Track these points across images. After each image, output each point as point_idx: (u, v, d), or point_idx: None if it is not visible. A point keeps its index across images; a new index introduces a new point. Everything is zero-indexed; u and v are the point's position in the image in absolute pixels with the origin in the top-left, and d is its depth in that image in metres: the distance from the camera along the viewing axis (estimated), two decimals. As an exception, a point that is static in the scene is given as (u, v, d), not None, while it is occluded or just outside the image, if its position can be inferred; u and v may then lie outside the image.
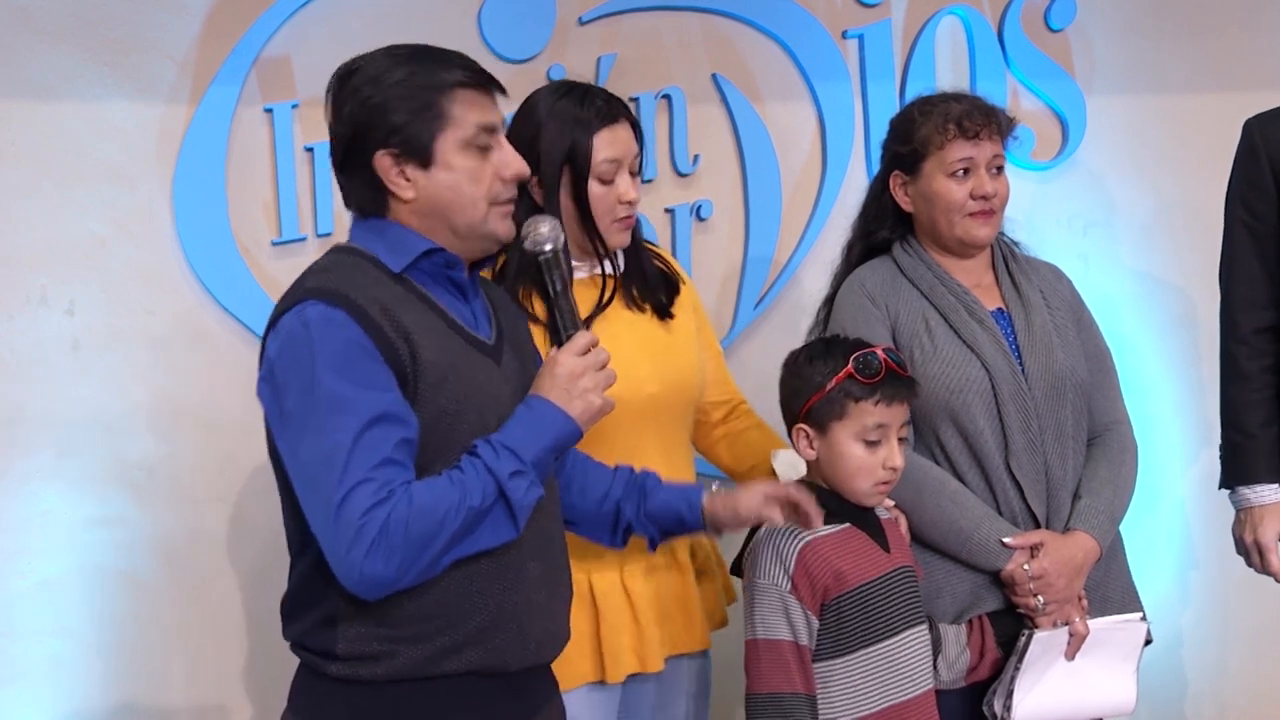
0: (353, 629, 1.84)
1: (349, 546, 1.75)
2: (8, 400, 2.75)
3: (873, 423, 2.21)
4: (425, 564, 1.79)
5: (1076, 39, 3.35)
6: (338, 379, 1.77)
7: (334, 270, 1.88)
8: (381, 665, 1.84)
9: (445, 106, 1.88)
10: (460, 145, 1.89)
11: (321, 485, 1.77)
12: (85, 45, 2.77)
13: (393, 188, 1.89)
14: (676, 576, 2.42)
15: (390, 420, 1.78)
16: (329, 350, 1.78)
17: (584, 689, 2.34)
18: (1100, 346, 2.58)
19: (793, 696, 2.15)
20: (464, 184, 1.89)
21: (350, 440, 1.76)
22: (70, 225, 2.77)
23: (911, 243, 2.55)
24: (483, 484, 1.81)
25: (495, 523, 1.83)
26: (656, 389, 2.38)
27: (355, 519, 1.74)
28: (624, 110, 2.40)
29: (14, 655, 2.76)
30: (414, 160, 1.88)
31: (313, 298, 1.82)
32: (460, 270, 1.94)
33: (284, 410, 1.81)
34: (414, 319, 1.85)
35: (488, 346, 1.94)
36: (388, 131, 1.87)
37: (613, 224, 2.38)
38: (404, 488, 1.77)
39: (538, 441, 1.86)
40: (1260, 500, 2.63)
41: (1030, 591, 2.37)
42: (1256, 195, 2.63)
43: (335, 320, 1.79)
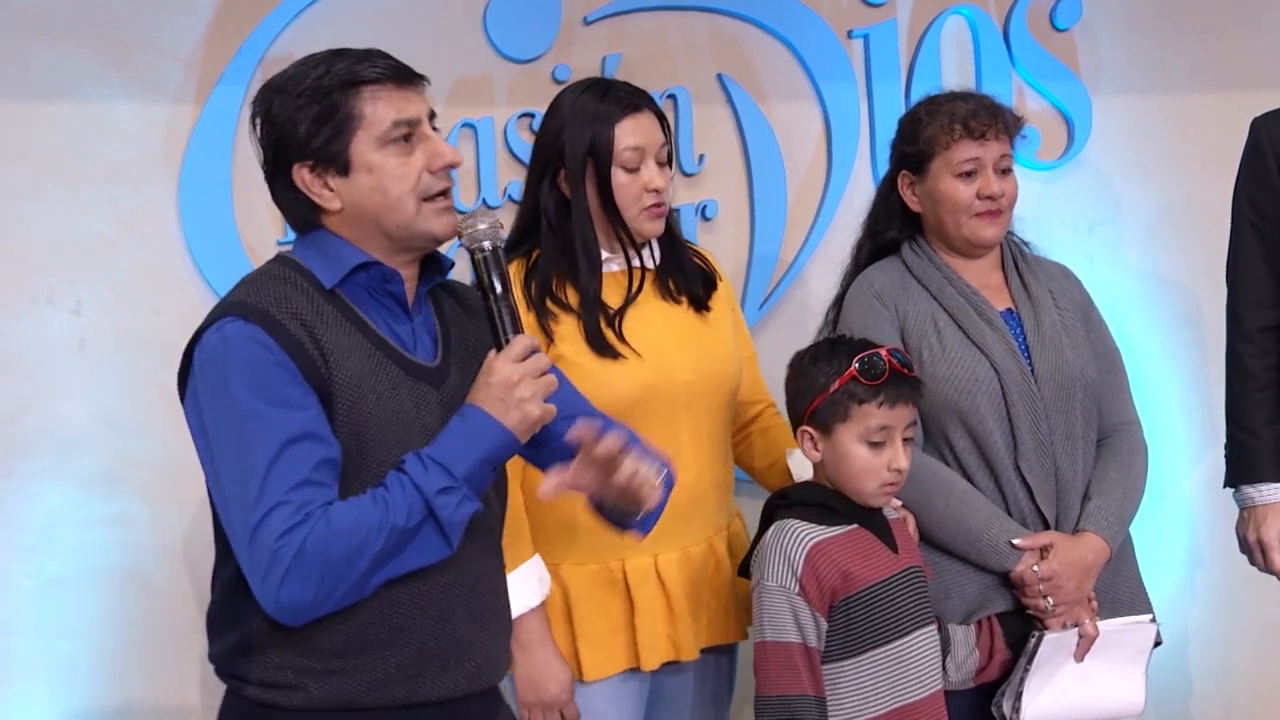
0: (268, 657, 1.79)
1: (265, 572, 1.70)
2: (15, 400, 2.75)
3: (876, 424, 2.20)
4: (348, 587, 1.72)
5: (1082, 38, 3.35)
6: (255, 398, 1.72)
7: (261, 283, 1.82)
8: (298, 695, 1.79)
9: (353, 107, 1.79)
10: (377, 144, 1.80)
11: (239, 508, 1.72)
12: (91, 46, 2.77)
13: (318, 200, 1.83)
14: (713, 567, 2.42)
15: (309, 439, 1.73)
16: (246, 368, 1.73)
17: (616, 678, 2.35)
18: (1110, 347, 2.58)
19: (802, 698, 2.14)
20: (388, 184, 1.81)
21: (266, 461, 1.70)
22: (77, 225, 2.78)
23: (920, 243, 2.55)
24: (409, 501, 1.73)
25: (425, 542, 1.75)
26: (691, 377, 2.40)
27: (270, 543, 1.69)
28: (647, 100, 2.42)
29: (20, 654, 2.76)
30: (332, 168, 1.81)
31: (233, 314, 1.77)
32: (398, 284, 1.86)
33: (206, 429, 1.77)
34: (337, 338, 1.79)
35: (423, 369, 1.85)
36: (300, 144, 1.80)
37: (641, 213, 2.39)
38: (322, 510, 1.71)
39: (470, 454, 1.76)
40: (1264, 499, 2.62)
41: (1040, 593, 2.37)
42: (1263, 194, 2.63)
43: (253, 337, 1.74)
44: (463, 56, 2.97)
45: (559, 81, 2.91)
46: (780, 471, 2.53)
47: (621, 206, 2.38)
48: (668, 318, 2.43)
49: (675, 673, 2.43)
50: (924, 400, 2.35)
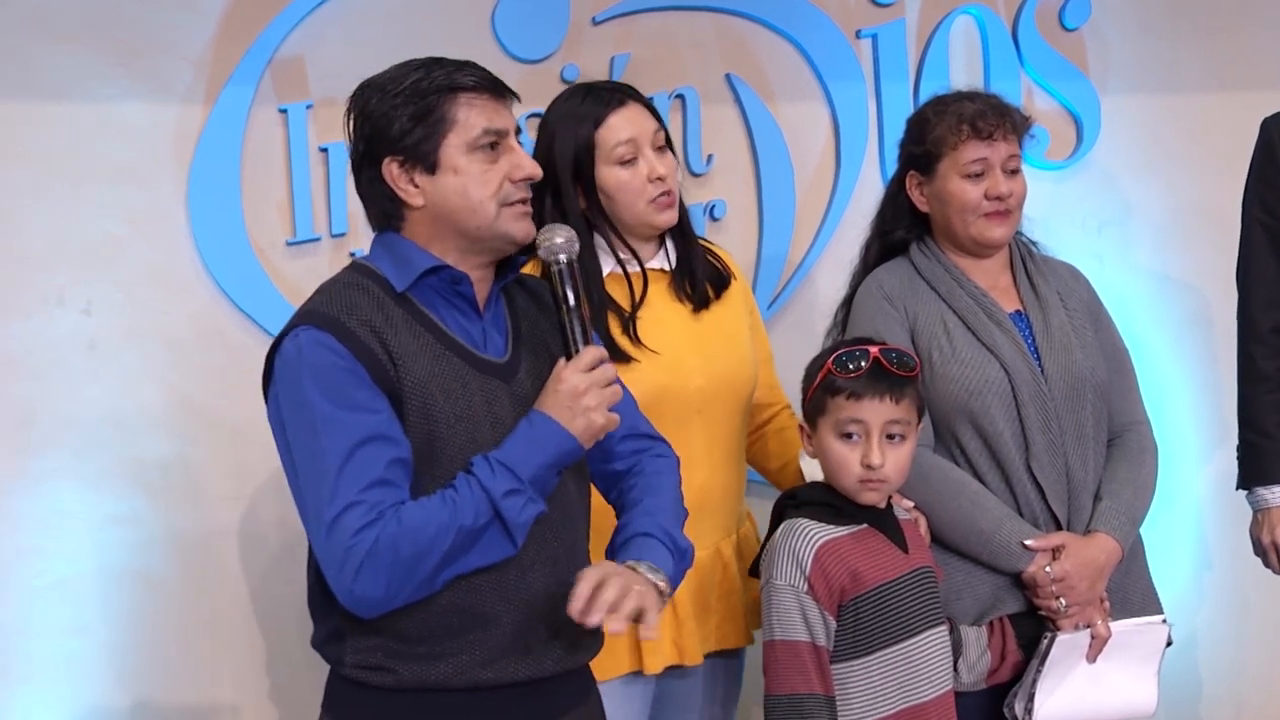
0: (359, 642, 1.89)
1: (339, 567, 1.80)
2: (24, 400, 2.76)
3: (845, 417, 2.20)
4: (417, 583, 1.82)
5: (1091, 38, 3.35)
6: (327, 402, 1.81)
7: (335, 291, 1.92)
8: (389, 677, 1.88)
9: (448, 110, 1.90)
10: (465, 149, 1.90)
11: (315, 505, 1.82)
12: (100, 47, 2.78)
13: (403, 195, 1.92)
14: (720, 571, 2.42)
15: (380, 440, 1.82)
16: (318, 374, 1.83)
17: (620, 680, 2.35)
18: (1118, 347, 2.57)
19: (811, 698, 2.14)
20: (471, 187, 1.91)
21: (339, 462, 1.80)
22: (86, 226, 2.78)
23: (929, 243, 2.54)
24: (476, 503, 1.82)
25: (491, 542, 1.85)
26: (704, 382, 2.39)
27: (345, 541, 1.79)
28: (631, 93, 2.42)
29: (31, 653, 2.77)
30: (420, 166, 1.90)
31: (306, 323, 1.87)
32: (467, 286, 1.94)
33: (285, 431, 1.87)
34: (405, 341, 1.87)
35: (493, 365, 1.94)
36: (393, 139, 1.90)
37: (649, 204, 2.38)
38: (394, 509, 1.80)
39: (536, 458, 1.86)
40: (1277, 501, 2.62)
41: (1052, 594, 2.36)
42: (1273, 194, 2.63)
43: (324, 344, 1.84)
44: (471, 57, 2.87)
45: (567, 82, 2.91)
46: (793, 473, 2.53)
47: (627, 203, 2.37)
48: (682, 320, 2.43)
49: (680, 676, 2.43)
50: (934, 401, 2.35)
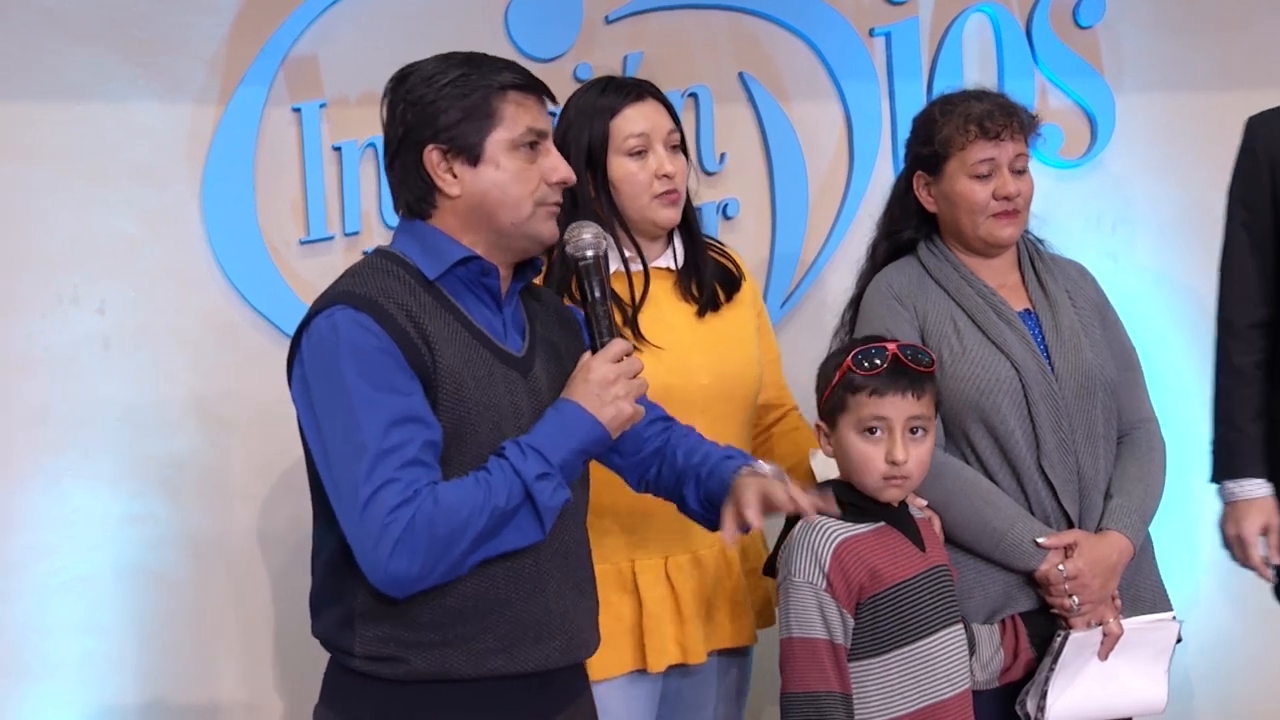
0: (370, 631, 1.89)
1: (374, 544, 1.79)
2: (39, 399, 2.77)
3: (868, 414, 2.19)
4: (450, 563, 1.82)
5: (1105, 36, 3.34)
6: (363, 382, 1.82)
7: (366, 275, 1.92)
8: (400, 667, 1.88)
9: (496, 106, 1.92)
10: (509, 146, 1.92)
11: (349, 484, 1.81)
12: (115, 46, 2.79)
13: (440, 184, 1.93)
14: (724, 570, 2.42)
15: (415, 422, 1.82)
16: (355, 354, 1.83)
17: (624, 679, 2.35)
18: (1126, 345, 2.57)
19: (829, 695, 2.14)
20: (510, 183, 1.92)
21: (376, 441, 1.80)
22: (101, 225, 2.79)
23: (937, 243, 2.54)
24: (509, 485, 1.84)
25: (521, 524, 1.86)
26: (709, 381, 2.39)
27: (381, 517, 1.78)
28: (649, 89, 2.43)
29: (46, 651, 2.78)
30: (462, 157, 1.92)
31: (342, 302, 1.87)
32: (494, 278, 1.96)
33: (314, 409, 1.86)
34: (438, 327, 1.88)
35: (513, 358, 1.96)
36: (439, 128, 1.91)
37: (653, 200, 2.38)
38: (429, 488, 1.81)
39: (565, 444, 1.88)
40: (1245, 494, 2.65)
41: (1065, 592, 2.36)
42: (1253, 192, 2.68)
43: (362, 324, 1.84)
44: None
45: (580, 80, 2.91)
46: (803, 474, 2.52)
47: (632, 196, 2.37)
48: (688, 319, 2.43)
49: (686, 675, 2.43)
50: (945, 400, 2.35)
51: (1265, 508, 2.64)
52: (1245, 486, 2.65)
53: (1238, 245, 2.69)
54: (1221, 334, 2.70)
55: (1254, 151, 2.67)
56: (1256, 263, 2.65)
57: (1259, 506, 2.64)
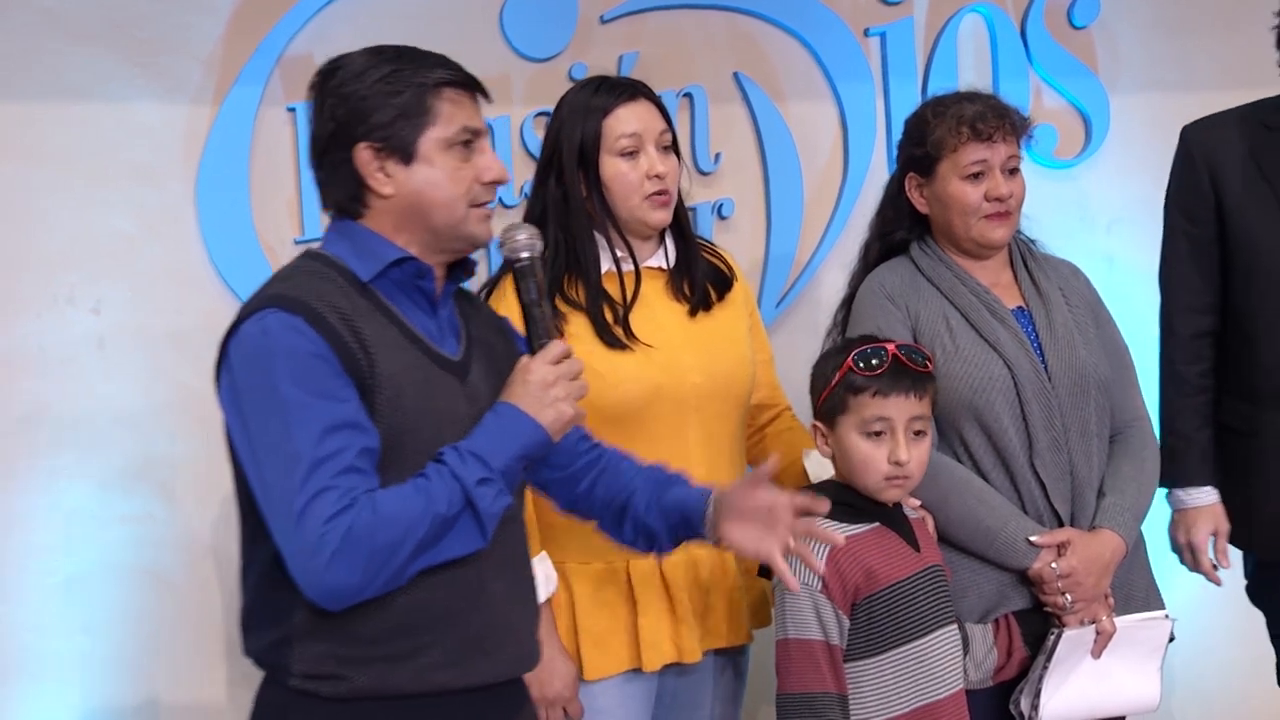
0: (309, 648, 1.81)
1: (311, 555, 1.72)
2: (35, 398, 2.77)
3: (871, 415, 2.20)
4: (391, 573, 1.75)
5: (1100, 36, 3.35)
6: (297, 388, 1.75)
7: (297, 278, 1.85)
8: (341, 685, 1.80)
9: (431, 104, 1.85)
10: (443, 144, 1.86)
11: (283, 494, 1.74)
12: (113, 46, 2.79)
13: (371, 183, 1.86)
14: (718, 569, 2.42)
15: (351, 428, 1.76)
16: (288, 359, 1.76)
17: (619, 678, 2.35)
18: (1119, 343, 2.58)
19: (825, 696, 2.14)
20: (444, 182, 1.86)
21: (310, 448, 1.73)
22: (97, 224, 2.79)
23: (929, 243, 2.54)
24: (449, 491, 1.77)
25: (463, 532, 1.79)
26: (701, 380, 2.39)
27: (318, 527, 1.71)
28: (643, 89, 2.43)
29: (41, 651, 2.77)
30: (395, 155, 1.85)
31: (274, 305, 1.79)
32: (430, 280, 1.90)
33: (244, 418, 1.79)
34: (374, 331, 1.82)
35: (450, 362, 1.90)
36: (371, 125, 1.84)
37: (644, 201, 2.38)
38: (367, 495, 1.74)
39: (506, 449, 1.82)
40: (1194, 502, 2.67)
41: (1058, 590, 2.36)
42: (1195, 201, 2.67)
43: (294, 328, 1.77)
44: (479, 55, 2.93)
45: (575, 80, 2.91)
46: (796, 474, 2.52)
47: (623, 196, 2.37)
48: (679, 319, 2.43)
49: (682, 674, 2.43)
50: (938, 399, 2.35)
51: (1213, 514, 2.66)
52: (1193, 495, 2.67)
53: (1179, 254, 2.69)
54: (1166, 344, 2.71)
55: (1191, 159, 2.68)
56: (1199, 272, 2.66)
57: (1207, 513, 2.66)
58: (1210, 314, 2.67)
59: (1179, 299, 2.69)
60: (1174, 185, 2.72)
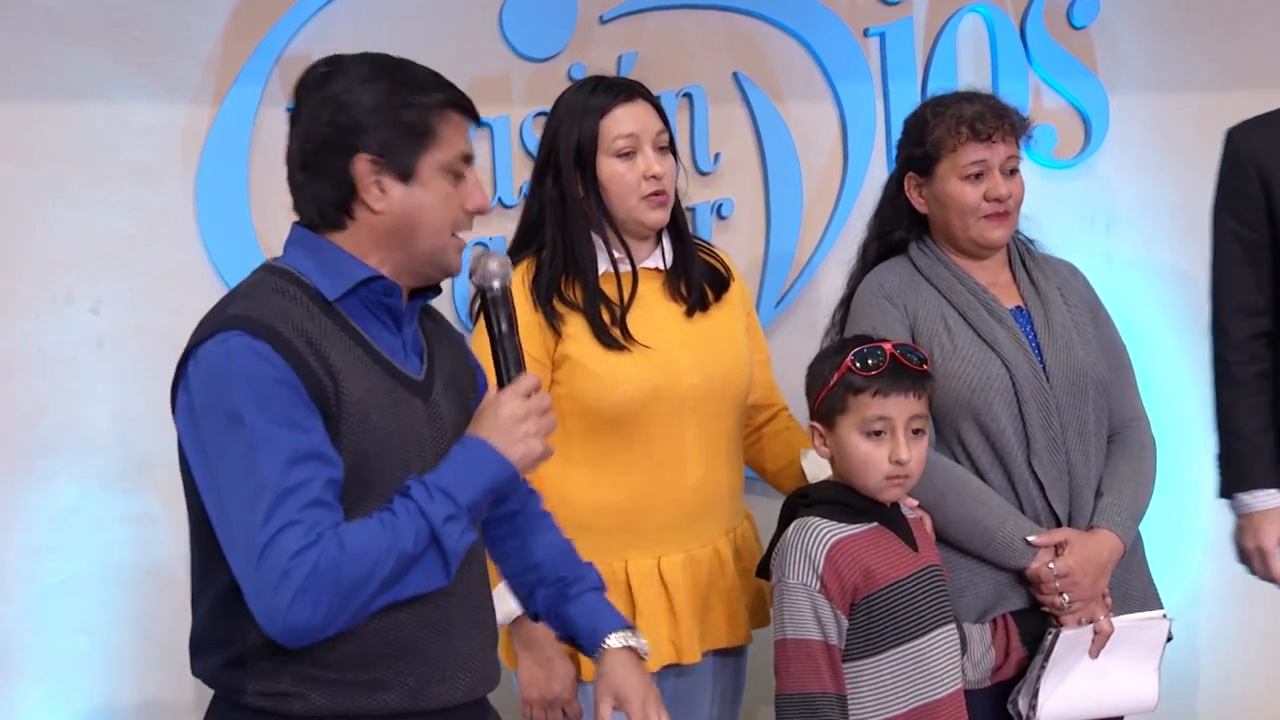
0: (263, 668, 1.76)
1: (273, 592, 1.66)
2: (34, 398, 2.77)
3: (872, 415, 2.20)
4: (354, 610, 1.70)
5: (1099, 36, 3.35)
6: (261, 416, 1.68)
7: (261, 295, 1.78)
8: (296, 704, 1.76)
9: (436, 126, 1.81)
10: (441, 168, 1.82)
11: (244, 527, 1.67)
12: (112, 46, 2.79)
13: (365, 196, 1.79)
14: (717, 569, 2.42)
15: (316, 459, 1.70)
16: (251, 385, 1.69)
17: None
18: (1117, 343, 2.58)
19: (823, 696, 2.14)
20: (436, 206, 1.81)
21: (276, 480, 1.66)
22: (97, 224, 2.79)
23: (928, 243, 2.54)
24: (415, 528, 1.72)
25: (427, 568, 1.75)
26: (698, 380, 2.39)
27: (282, 563, 1.65)
28: (640, 90, 2.43)
29: (40, 651, 2.78)
30: (394, 172, 1.79)
31: (237, 327, 1.72)
32: (397, 298, 1.84)
33: (203, 444, 1.73)
34: (340, 354, 1.76)
35: (414, 382, 1.84)
36: (373, 138, 1.78)
37: (640, 201, 2.38)
38: (333, 531, 1.68)
39: (474, 484, 1.77)
40: (1260, 505, 2.64)
41: (1056, 590, 2.37)
42: (1245, 205, 2.66)
43: (260, 353, 1.70)
44: (479, 55, 2.97)
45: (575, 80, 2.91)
46: (794, 474, 2.53)
47: (620, 196, 2.37)
48: (676, 319, 2.43)
49: (681, 675, 2.42)
50: (936, 398, 2.35)
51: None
52: (1259, 497, 2.63)
53: (1231, 257, 2.67)
54: (1220, 346, 2.69)
55: (1240, 164, 2.66)
56: (1253, 274, 2.65)
57: (1275, 516, 2.62)
58: (1265, 315, 2.65)
59: (1232, 300, 2.68)
60: (1222, 189, 2.70)
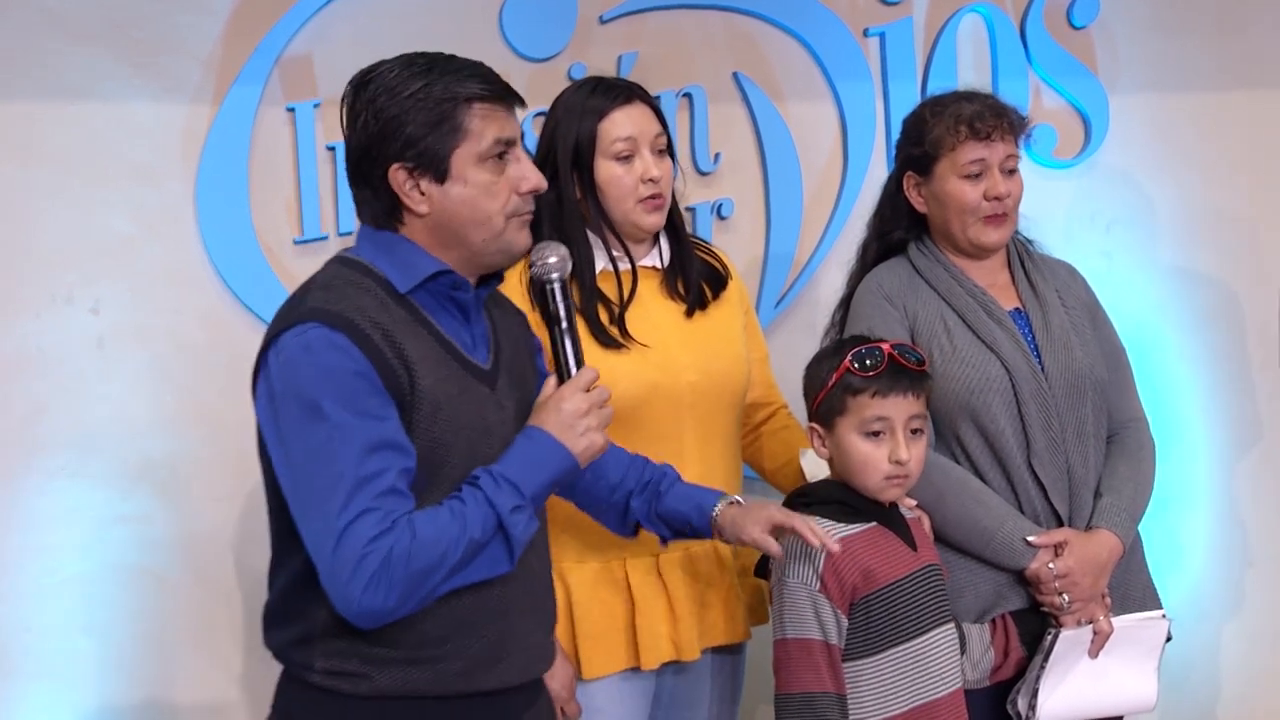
0: (332, 646, 1.83)
1: (349, 577, 1.74)
2: (33, 398, 2.77)
3: (871, 415, 2.20)
4: (423, 595, 1.78)
5: (1099, 36, 3.35)
6: (340, 407, 1.75)
7: (338, 287, 1.85)
8: (362, 684, 1.83)
9: (462, 120, 1.84)
10: (476, 159, 1.85)
11: (322, 513, 1.75)
12: (112, 46, 2.79)
13: (407, 202, 1.86)
14: (715, 566, 2.42)
15: (391, 449, 1.77)
16: (330, 376, 1.76)
17: (616, 677, 2.35)
18: (1116, 344, 2.58)
19: (824, 696, 2.14)
20: (480, 199, 1.86)
21: (353, 469, 1.74)
22: (96, 224, 2.79)
23: (927, 243, 2.54)
24: (483, 516, 1.80)
25: (493, 555, 1.82)
26: (696, 378, 2.39)
27: (358, 549, 1.73)
28: (639, 92, 2.42)
29: (39, 651, 2.78)
30: (429, 174, 1.84)
31: (316, 319, 1.79)
32: (466, 291, 1.91)
33: (282, 432, 1.79)
34: (414, 346, 1.83)
35: (482, 371, 1.91)
36: (403, 145, 1.83)
37: (637, 204, 2.38)
38: (406, 519, 1.76)
39: (538, 476, 1.85)
40: None
41: (1055, 590, 2.37)
42: None
43: (338, 346, 1.77)
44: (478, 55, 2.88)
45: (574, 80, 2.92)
46: (793, 472, 2.53)
47: (617, 199, 2.37)
48: (674, 318, 2.43)
49: (680, 672, 2.43)
50: (935, 399, 2.35)
51: None
52: None
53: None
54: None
55: None
56: None
57: None
58: None
59: None
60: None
